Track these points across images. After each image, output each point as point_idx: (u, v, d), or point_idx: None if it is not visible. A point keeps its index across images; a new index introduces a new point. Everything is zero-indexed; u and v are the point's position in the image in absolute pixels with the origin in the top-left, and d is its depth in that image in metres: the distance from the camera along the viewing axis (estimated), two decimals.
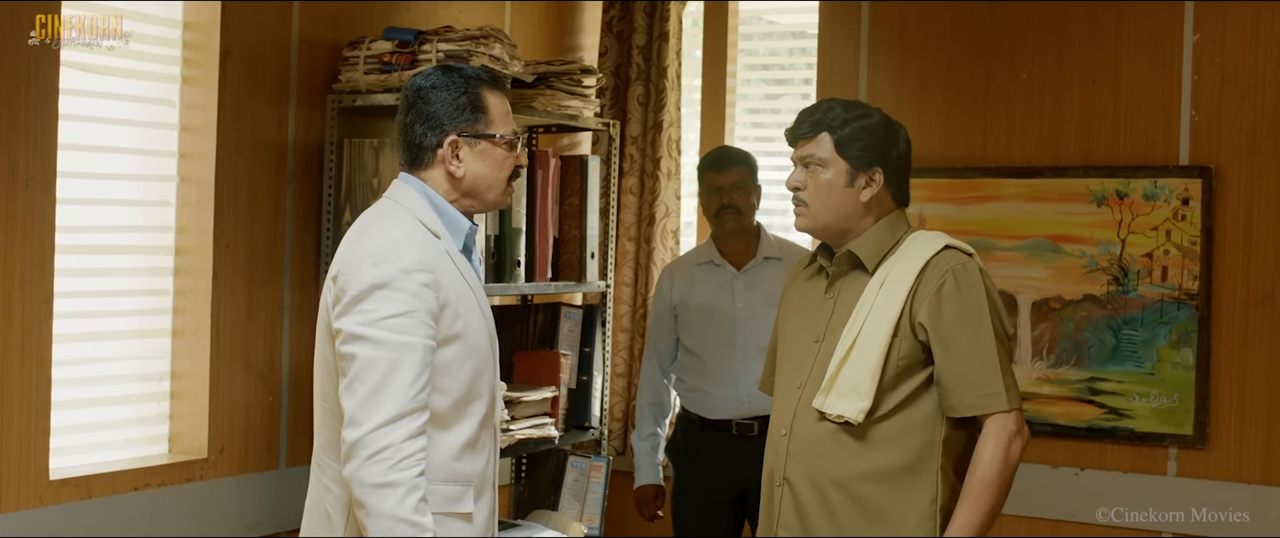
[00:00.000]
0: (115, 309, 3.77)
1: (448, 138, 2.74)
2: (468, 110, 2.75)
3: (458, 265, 2.73)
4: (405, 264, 2.61)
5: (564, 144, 5.06)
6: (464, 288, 2.72)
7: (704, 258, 4.39)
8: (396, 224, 2.70)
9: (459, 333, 2.68)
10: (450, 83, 2.75)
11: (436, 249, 2.69)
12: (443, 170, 2.76)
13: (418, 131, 2.75)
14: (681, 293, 4.38)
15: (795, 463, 2.95)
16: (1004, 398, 2.85)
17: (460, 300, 2.69)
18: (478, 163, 2.76)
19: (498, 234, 4.11)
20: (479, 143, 2.76)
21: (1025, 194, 4.44)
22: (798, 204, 3.03)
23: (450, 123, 2.74)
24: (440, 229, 2.74)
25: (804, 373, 2.98)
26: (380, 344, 2.57)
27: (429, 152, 2.76)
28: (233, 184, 3.90)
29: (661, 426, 4.49)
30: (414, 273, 2.61)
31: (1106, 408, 4.34)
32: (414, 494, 2.54)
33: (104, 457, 3.72)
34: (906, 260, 2.95)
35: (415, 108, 2.75)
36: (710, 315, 4.32)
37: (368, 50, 4.05)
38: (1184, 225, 4.24)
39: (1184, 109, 4.27)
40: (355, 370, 2.58)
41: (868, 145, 2.97)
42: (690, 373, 4.36)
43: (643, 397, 4.49)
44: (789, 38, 5.27)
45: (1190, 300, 4.22)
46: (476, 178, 2.77)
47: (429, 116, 2.74)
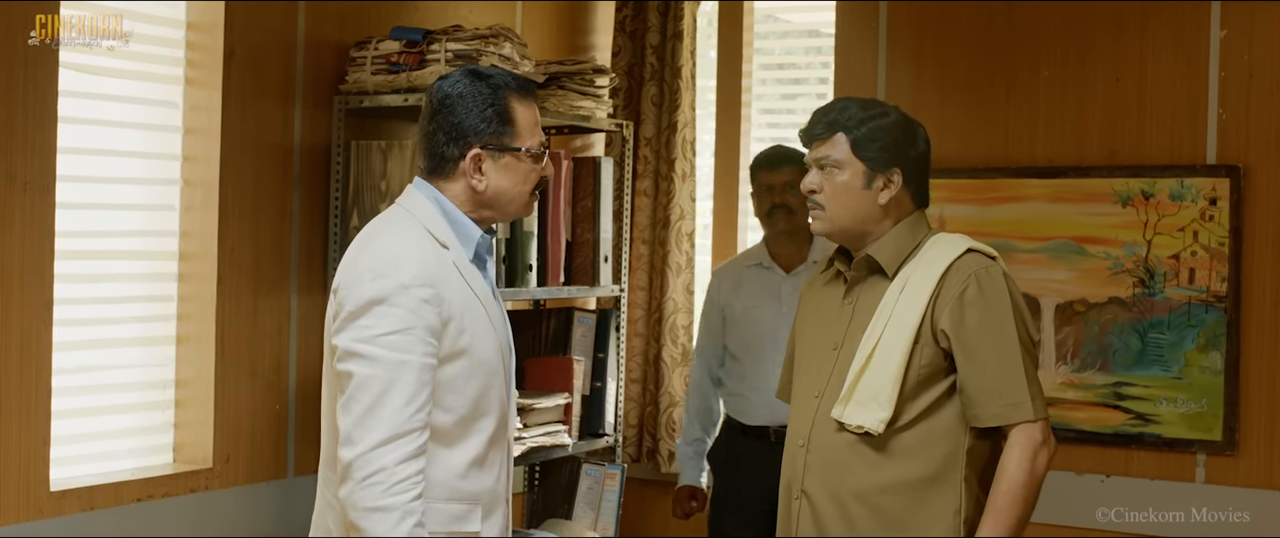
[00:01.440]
0: (117, 316, 3.72)
1: (471, 150, 2.64)
2: (494, 122, 2.65)
3: (466, 277, 2.64)
4: (403, 279, 2.52)
5: (576, 145, 4.99)
6: (471, 301, 2.63)
7: (754, 260, 4.30)
8: (401, 235, 2.62)
9: (464, 349, 2.59)
10: (477, 92, 2.65)
11: (442, 261, 2.60)
12: (464, 182, 2.67)
13: (440, 140, 2.66)
14: (729, 295, 4.29)
15: (814, 475, 2.86)
16: (1029, 408, 2.76)
17: (467, 315, 2.60)
18: (501, 176, 2.67)
19: (509, 238, 4.04)
20: (503, 156, 2.66)
21: (1048, 195, 4.36)
22: (813, 207, 2.94)
23: (475, 135, 2.64)
24: (450, 239, 2.65)
25: (822, 382, 2.89)
26: (376, 362, 2.49)
27: (451, 163, 2.66)
28: (237, 187, 3.85)
29: (709, 432, 4.40)
30: (413, 288, 2.52)
31: (1133, 413, 4.25)
32: (408, 520, 2.46)
33: (106, 467, 3.66)
34: (927, 264, 2.86)
35: (439, 115, 2.66)
36: (754, 319, 4.22)
37: (375, 50, 3.99)
38: (1212, 226, 4.15)
39: (1211, 107, 4.18)
40: (351, 389, 2.50)
41: (885, 145, 2.88)
42: (732, 377, 4.27)
43: (690, 402, 4.41)
44: (804, 36, 5.20)
45: (1218, 303, 4.14)
46: (499, 192, 2.68)
47: (453, 127, 2.64)
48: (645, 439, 4.97)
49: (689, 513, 4.43)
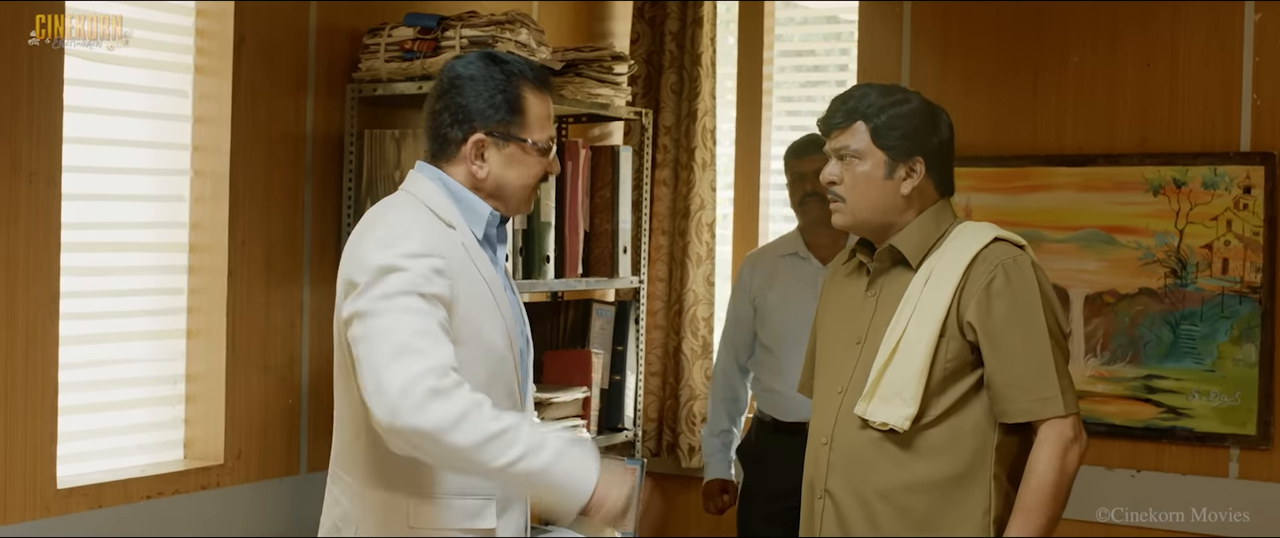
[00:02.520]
0: (126, 309, 3.66)
1: (474, 135, 2.55)
2: (503, 109, 2.55)
3: (474, 259, 2.54)
4: (413, 248, 2.43)
5: (594, 134, 4.92)
6: (479, 284, 2.53)
7: (789, 249, 4.18)
8: (404, 212, 2.53)
9: (468, 332, 2.49)
10: (490, 75, 2.56)
11: (449, 239, 2.51)
12: (464, 168, 2.57)
13: (444, 121, 2.57)
14: (761, 286, 4.18)
15: (837, 474, 2.78)
16: (1060, 402, 2.67)
17: (474, 297, 2.51)
18: (503, 167, 2.57)
19: (526, 228, 3.97)
20: (508, 145, 2.57)
21: (1077, 183, 4.27)
22: (833, 200, 2.85)
23: (481, 119, 2.55)
24: (456, 219, 2.55)
25: (845, 377, 2.81)
26: (394, 315, 2.36)
27: (453, 145, 2.57)
28: (248, 178, 3.78)
29: (737, 423, 4.29)
30: (422, 257, 2.42)
31: (1164, 407, 4.16)
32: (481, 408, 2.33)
33: (115, 464, 3.60)
34: (953, 254, 2.77)
35: (448, 96, 2.56)
36: (789, 311, 4.09)
37: (389, 37, 3.92)
38: (1246, 215, 4.06)
39: (1245, 92, 4.09)
40: (370, 342, 2.36)
41: (906, 134, 2.79)
42: (765, 371, 4.16)
43: (716, 392, 4.30)
44: (824, 23, 5.12)
45: (1253, 294, 4.05)
46: (499, 183, 2.58)
47: (459, 108, 2.55)
48: (665, 433, 4.90)
49: (722, 509, 4.31)
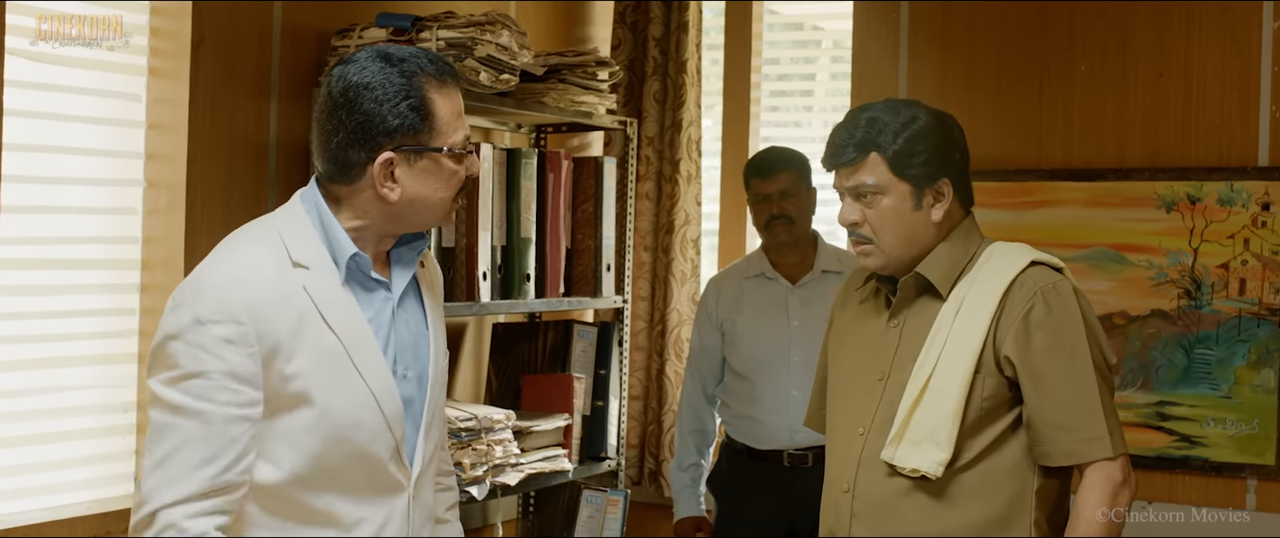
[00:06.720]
0: (71, 331, 3.45)
1: (381, 155, 2.20)
2: (409, 118, 2.20)
3: (322, 308, 2.19)
4: (199, 313, 2.12)
5: (573, 145, 4.69)
6: (325, 337, 2.18)
7: (755, 270, 4.01)
8: (238, 250, 2.22)
9: (301, 396, 2.16)
10: (387, 81, 2.20)
11: (284, 287, 2.17)
12: (371, 192, 2.23)
13: (341, 142, 2.21)
14: (729, 309, 3.99)
15: (862, 524, 2.54)
16: (1108, 444, 2.46)
17: (317, 355, 2.17)
18: (417, 182, 2.23)
19: (505, 246, 3.73)
20: (420, 158, 2.23)
21: (1086, 199, 4.14)
22: (858, 243, 2.59)
23: (386, 136, 2.20)
24: (315, 258, 2.21)
25: (866, 418, 2.57)
26: (173, 409, 2.10)
27: (357, 168, 2.22)
28: (207, 188, 3.58)
29: (705, 455, 4.11)
30: (209, 325, 2.11)
31: (1177, 435, 4.03)
32: None
33: (59, 501, 3.39)
34: (986, 281, 2.55)
35: (341, 112, 2.21)
36: (761, 334, 3.93)
37: (359, 39, 3.72)
38: (1264, 233, 3.94)
39: (1263, 104, 3.98)
40: (149, 433, 2.12)
41: (928, 157, 2.56)
42: (738, 398, 3.97)
43: (683, 423, 4.10)
44: (814, 30, 4.92)
45: (1271, 316, 3.92)
46: (413, 200, 2.24)
47: (358, 126, 2.20)
48: (647, 460, 4.68)
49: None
